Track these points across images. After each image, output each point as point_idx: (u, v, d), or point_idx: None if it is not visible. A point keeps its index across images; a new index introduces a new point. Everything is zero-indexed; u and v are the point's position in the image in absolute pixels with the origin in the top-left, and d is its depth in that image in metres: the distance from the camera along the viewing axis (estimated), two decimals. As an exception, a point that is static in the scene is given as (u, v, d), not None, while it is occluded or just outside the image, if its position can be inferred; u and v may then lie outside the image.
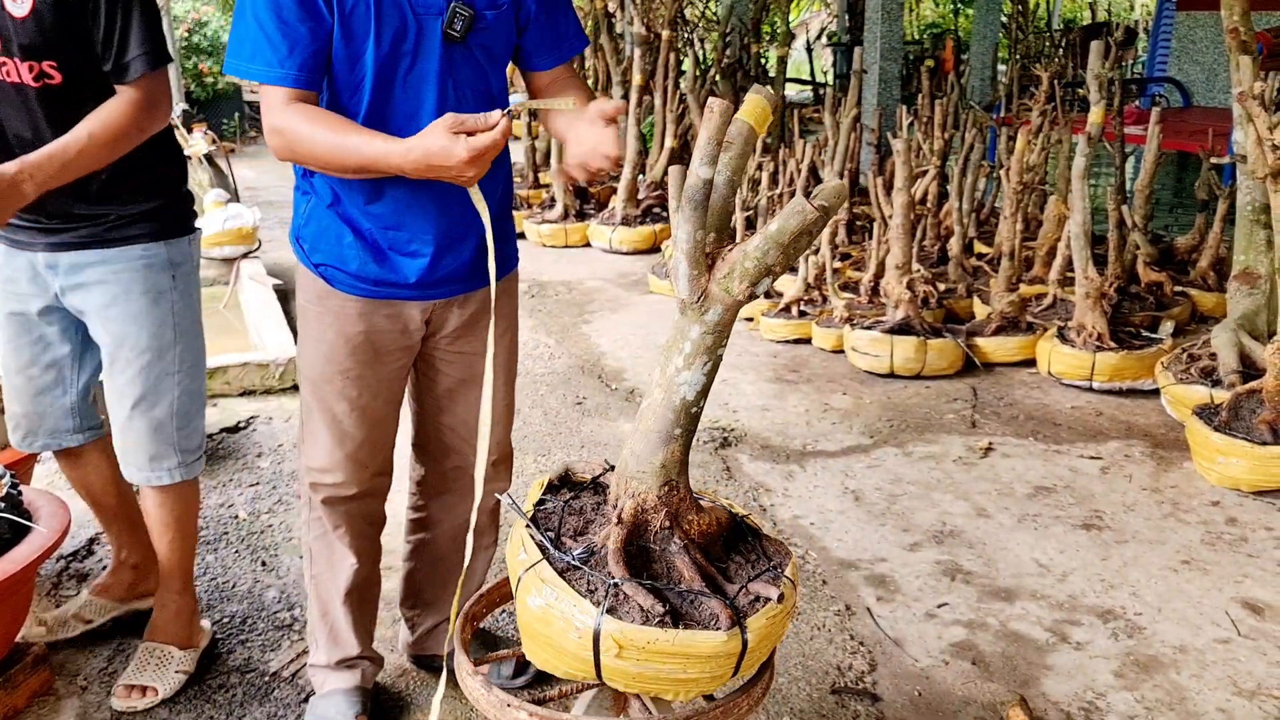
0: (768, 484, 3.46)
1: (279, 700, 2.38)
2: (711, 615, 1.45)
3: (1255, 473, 3.24)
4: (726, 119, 1.40)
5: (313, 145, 1.74)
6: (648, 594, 1.44)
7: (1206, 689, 2.40)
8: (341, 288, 1.97)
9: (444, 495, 2.29)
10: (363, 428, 2.06)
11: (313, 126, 1.73)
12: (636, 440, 1.56)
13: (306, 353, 2.06)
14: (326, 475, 2.10)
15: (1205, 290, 5.02)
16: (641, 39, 7.34)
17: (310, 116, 1.75)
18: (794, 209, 1.37)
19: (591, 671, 1.46)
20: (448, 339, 2.08)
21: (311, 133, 1.73)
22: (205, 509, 3.28)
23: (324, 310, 1.99)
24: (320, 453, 2.08)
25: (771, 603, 1.49)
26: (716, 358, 1.51)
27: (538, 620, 1.49)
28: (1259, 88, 3.22)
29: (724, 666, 1.45)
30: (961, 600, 2.77)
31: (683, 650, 1.41)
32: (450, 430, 2.19)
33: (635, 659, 1.42)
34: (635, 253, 6.70)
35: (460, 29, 1.81)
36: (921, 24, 16.53)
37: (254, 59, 1.74)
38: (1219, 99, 9.18)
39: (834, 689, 2.41)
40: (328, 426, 2.06)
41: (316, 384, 2.05)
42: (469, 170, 1.66)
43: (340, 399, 2.03)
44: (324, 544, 2.17)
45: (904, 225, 4.47)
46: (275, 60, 1.73)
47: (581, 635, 1.43)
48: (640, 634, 1.41)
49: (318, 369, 2.03)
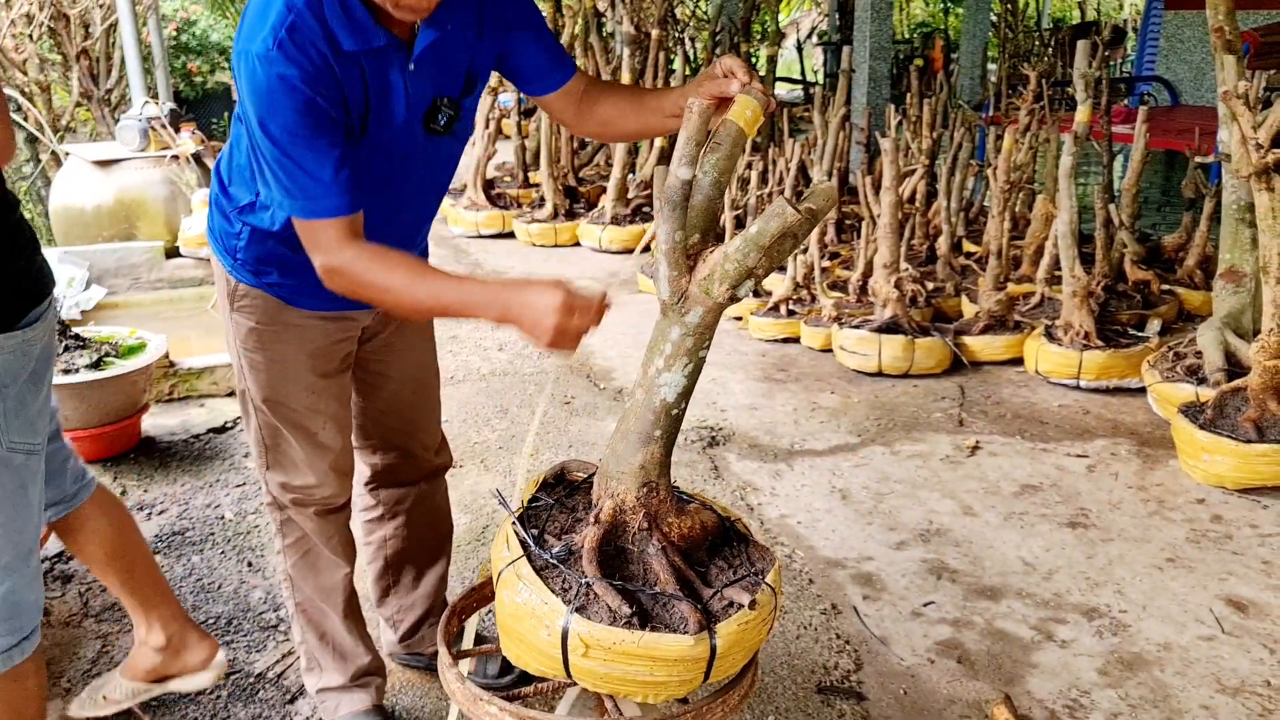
0: (755, 483, 3.47)
1: (264, 701, 2.38)
2: (681, 619, 1.44)
3: (1240, 470, 3.25)
4: (705, 119, 1.40)
5: (384, 292, 1.61)
6: (616, 595, 1.44)
7: (1190, 686, 2.40)
8: (301, 304, 1.90)
9: (397, 488, 2.29)
10: (340, 435, 2.05)
11: (387, 272, 1.59)
12: (617, 441, 1.56)
13: (264, 377, 1.95)
14: (316, 491, 2.06)
15: (1192, 288, 5.03)
16: (631, 38, 7.33)
17: (379, 261, 1.61)
18: (774, 211, 1.37)
19: (561, 669, 1.46)
20: (384, 340, 2.08)
21: (386, 279, 1.59)
22: (191, 509, 3.28)
23: (282, 328, 1.92)
24: (303, 471, 2.04)
25: (743, 609, 1.47)
26: (698, 359, 1.51)
27: (512, 616, 1.49)
28: (1243, 87, 3.23)
29: (692, 671, 1.44)
30: (947, 599, 2.77)
31: (648, 652, 1.41)
32: (398, 429, 2.21)
33: (601, 659, 1.42)
34: (625, 252, 6.69)
35: (444, 124, 1.78)
36: (911, 23, 16.55)
37: (299, 198, 1.58)
38: (1206, 98, 9.20)
39: (820, 688, 2.42)
40: (304, 444, 2.01)
41: (281, 406, 1.97)
42: (554, 344, 1.52)
43: (313, 415, 1.99)
44: (310, 561, 2.14)
45: (891, 225, 4.48)
46: (319, 192, 1.58)
47: (551, 633, 1.44)
48: (607, 634, 1.41)
49: (280, 390, 1.96)
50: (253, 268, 1.88)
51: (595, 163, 8.41)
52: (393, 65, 1.67)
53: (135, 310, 5.19)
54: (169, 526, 3.17)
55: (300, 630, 2.23)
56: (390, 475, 2.27)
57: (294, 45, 1.53)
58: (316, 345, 1.94)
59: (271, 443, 2.03)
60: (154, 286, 5.53)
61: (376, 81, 1.65)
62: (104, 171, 6.05)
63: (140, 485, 3.46)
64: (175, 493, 3.40)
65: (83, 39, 7.89)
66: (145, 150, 6.08)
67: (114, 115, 7.74)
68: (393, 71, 1.67)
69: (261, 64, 1.52)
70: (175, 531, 3.14)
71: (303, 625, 2.21)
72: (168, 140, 6.01)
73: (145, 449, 3.72)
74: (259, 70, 1.53)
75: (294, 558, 2.14)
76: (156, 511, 3.27)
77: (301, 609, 2.19)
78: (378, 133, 1.70)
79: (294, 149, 1.56)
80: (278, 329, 1.92)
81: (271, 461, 2.06)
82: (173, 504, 3.32)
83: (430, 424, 2.26)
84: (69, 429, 3.49)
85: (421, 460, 2.27)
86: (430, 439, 2.27)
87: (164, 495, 3.38)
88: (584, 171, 8.22)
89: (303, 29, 1.54)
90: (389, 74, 1.67)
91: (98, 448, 3.59)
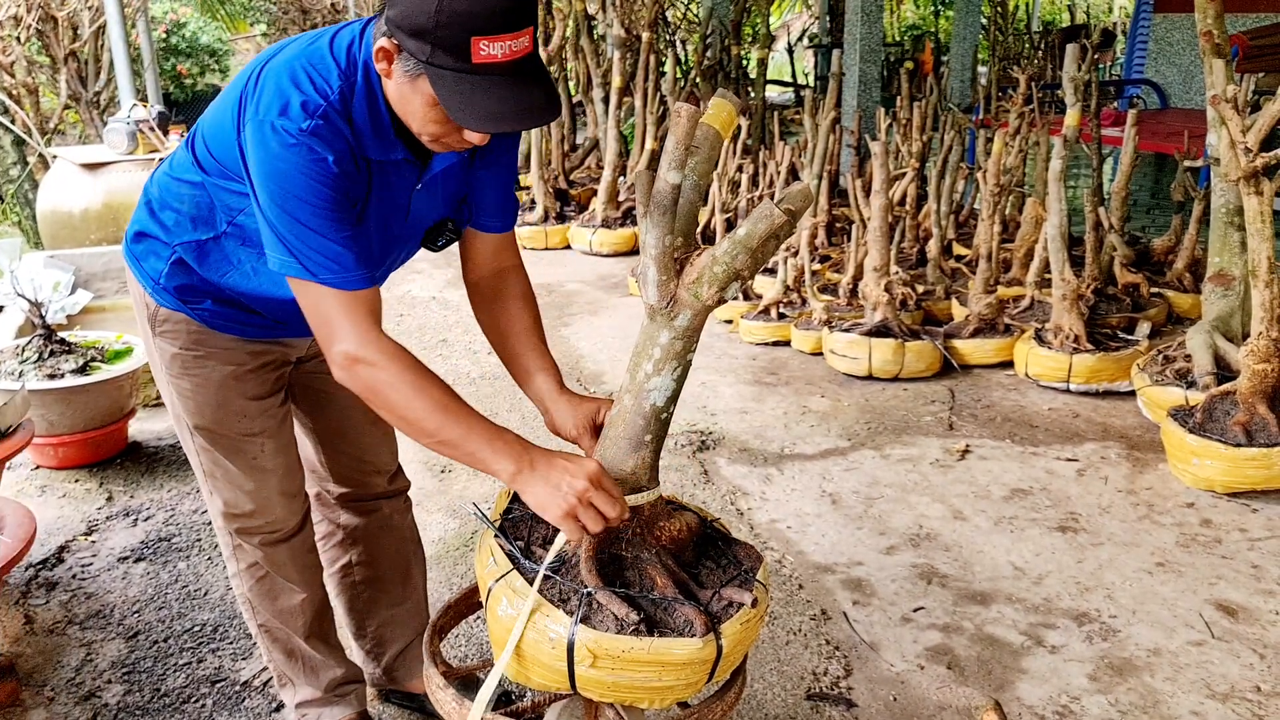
0: (745, 487, 3.46)
1: (250, 710, 2.36)
2: (686, 622, 1.44)
3: (1229, 474, 3.25)
4: (694, 123, 1.39)
5: (404, 413, 1.51)
6: (622, 602, 1.43)
7: (1180, 692, 2.40)
8: (227, 329, 1.84)
9: (355, 515, 2.20)
10: (281, 455, 1.97)
11: (414, 394, 1.50)
12: (607, 447, 1.55)
13: (192, 403, 1.88)
14: (257, 518, 1.98)
15: (1181, 291, 5.04)
16: (621, 41, 7.33)
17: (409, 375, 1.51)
18: (761, 213, 1.36)
19: (565, 682, 1.44)
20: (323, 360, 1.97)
21: (409, 401, 1.50)
22: (178, 515, 3.26)
23: (206, 354, 1.85)
24: (242, 498, 1.96)
25: (745, 608, 1.48)
26: (686, 363, 1.50)
27: (509, 631, 1.47)
28: (1232, 91, 3.24)
29: (699, 673, 1.44)
30: (937, 604, 2.77)
31: (658, 658, 1.40)
32: (347, 452, 2.12)
33: (610, 668, 1.41)
34: (615, 255, 6.68)
35: (442, 244, 1.79)
36: (902, 25, 16.58)
37: (321, 269, 1.51)
38: (1196, 101, 9.23)
39: (809, 694, 2.41)
40: (243, 469, 1.93)
41: (213, 433, 1.90)
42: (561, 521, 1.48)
43: (248, 438, 1.91)
44: (265, 588, 2.05)
45: (881, 228, 4.48)
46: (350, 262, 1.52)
47: (555, 646, 1.42)
48: (616, 643, 1.40)
49: (209, 416, 1.89)
50: (176, 294, 1.82)
51: (586, 165, 8.40)
52: (401, 179, 1.64)
53: (124, 314, 5.13)
54: (155, 532, 3.15)
55: (267, 650, 2.15)
56: (344, 500, 2.18)
57: (328, 132, 1.49)
58: (245, 368, 1.87)
59: (210, 469, 1.95)
60: (142, 290, 5.49)
61: (380, 189, 1.63)
62: (92, 174, 6.01)
63: (127, 491, 3.44)
64: (162, 498, 3.38)
65: (71, 41, 7.84)
66: (133, 153, 6.04)
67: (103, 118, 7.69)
68: (399, 185, 1.65)
69: (288, 141, 1.47)
70: (162, 538, 3.12)
71: (268, 644, 2.14)
72: (156, 143, 5.98)
73: (132, 454, 3.70)
74: (287, 149, 1.47)
75: (249, 583, 2.06)
76: (143, 517, 3.25)
77: (264, 629, 2.11)
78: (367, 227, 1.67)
79: (319, 223, 1.50)
80: (202, 354, 1.85)
81: (212, 489, 1.97)
82: (159, 510, 3.30)
83: (382, 448, 2.15)
84: (56, 434, 3.47)
85: (375, 488, 2.17)
86: (383, 463, 2.17)
87: (150, 501, 3.36)
88: (575, 174, 8.21)
89: (334, 119, 1.50)
90: (394, 185, 1.65)
91: (84, 453, 3.57)
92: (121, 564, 2.98)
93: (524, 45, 1.42)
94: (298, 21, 14.33)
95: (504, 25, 1.39)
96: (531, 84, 1.45)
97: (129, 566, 2.97)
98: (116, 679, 2.47)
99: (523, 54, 1.43)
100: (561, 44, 7.75)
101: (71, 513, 3.30)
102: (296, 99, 1.49)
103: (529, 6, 1.42)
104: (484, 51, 1.39)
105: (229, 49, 13.76)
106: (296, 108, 1.48)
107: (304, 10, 14.24)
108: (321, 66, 1.53)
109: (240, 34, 15.71)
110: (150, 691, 2.42)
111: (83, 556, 3.02)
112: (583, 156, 8.34)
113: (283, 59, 1.56)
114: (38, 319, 3.51)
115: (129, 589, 2.85)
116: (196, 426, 1.91)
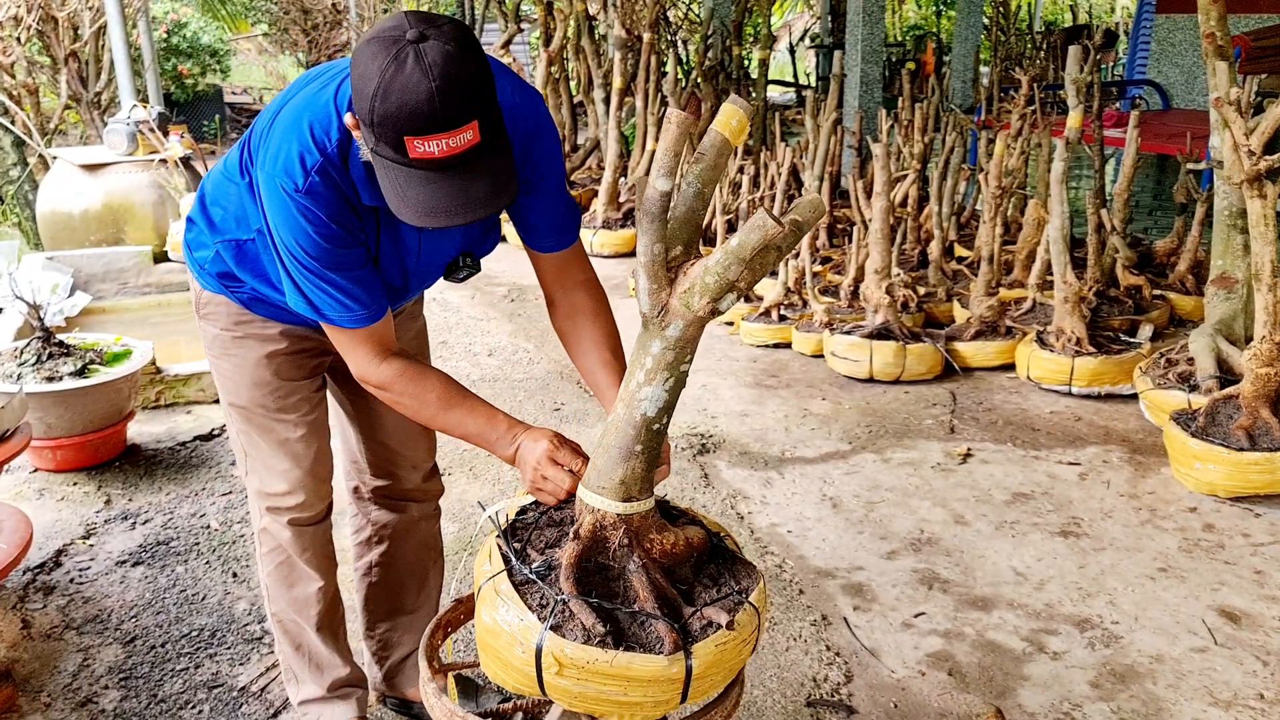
0: (746, 491, 3.44)
1: (247, 716, 2.35)
2: (657, 638, 1.42)
3: (1232, 479, 3.23)
4: (684, 131, 1.37)
5: (416, 411, 1.74)
6: (591, 612, 1.41)
7: (1183, 699, 2.39)
8: (263, 311, 1.92)
9: (386, 511, 2.25)
10: (312, 441, 2.03)
11: (421, 396, 1.71)
12: (598, 456, 1.54)
13: (230, 382, 1.99)
14: (288, 499, 2.05)
15: (1184, 294, 5.02)
16: (623, 42, 7.31)
17: (415, 383, 1.71)
18: (755, 223, 1.33)
19: (535, 687, 1.43)
20: None
21: (418, 402, 1.72)
22: (177, 518, 3.25)
23: (244, 335, 1.94)
24: (277, 478, 2.03)
25: (721, 629, 1.44)
26: (679, 373, 1.48)
27: (489, 632, 1.47)
28: (1235, 93, 3.22)
29: (668, 692, 1.41)
30: (939, 609, 2.75)
31: (622, 673, 1.38)
32: (385, 445, 2.17)
33: (574, 678, 1.40)
34: (616, 256, 6.66)
35: (463, 277, 1.85)
36: (904, 26, 16.55)
37: (327, 308, 1.65)
38: (1198, 101, 9.21)
39: (809, 701, 2.39)
40: (277, 450, 2.01)
41: (250, 411, 1.99)
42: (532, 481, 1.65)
43: (281, 418, 1.99)
44: (283, 573, 2.12)
45: (883, 230, 4.46)
46: (352, 303, 1.65)
47: (526, 650, 1.41)
48: (580, 653, 1.38)
49: (246, 396, 1.98)
50: (218, 279, 1.92)
51: (587, 166, 8.39)
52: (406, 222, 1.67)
53: (123, 315, 5.15)
54: (153, 536, 3.14)
55: (277, 642, 2.22)
56: (378, 495, 2.24)
57: (323, 187, 1.56)
58: (281, 350, 1.95)
59: (247, 448, 2.04)
60: (142, 291, 5.49)
61: (388, 231, 1.69)
62: (92, 175, 6.01)
63: (125, 494, 3.42)
64: (160, 501, 3.37)
65: (71, 41, 7.84)
66: (133, 154, 6.04)
67: (103, 118, 7.69)
68: (406, 227, 1.67)
69: (289, 197, 1.55)
70: (160, 541, 3.11)
71: (279, 636, 2.20)
72: (156, 144, 5.97)
73: (130, 457, 3.69)
74: (288, 203, 1.56)
75: (269, 567, 2.13)
76: (141, 521, 3.24)
77: (277, 619, 2.18)
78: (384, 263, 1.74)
79: (322, 270, 1.60)
80: (241, 335, 1.95)
81: (249, 467, 2.06)
82: (158, 513, 3.29)
83: (419, 445, 2.21)
84: (54, 437, 3.46)
85: (408, 482, 2.22)
86: (420, 459, 2.22)
87: (149, 504, 3.35)
88: (575, 175, 8.20)
89: (331, 173, 1.56)
90: (401, 227, 1.69)
91: (82, 456, 3.56)
92: (119, 568, 2.97)
93: (465, 140, 1.38)
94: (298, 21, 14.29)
95: (434, 126, 1.35)
96: (474, 177, 1.42)
97: (127, 570, 2.96)
98: (113, 684, 2.46)
99: (464, 148, 1.38)
100: (562, 44, 7.74)
101: (69, 516, 3.28)
102: (296, 154, 1.55)
103: (468, 103, 1.36)
104: (419, 149, 1.37)
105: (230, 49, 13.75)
106: (296, 164, 1.55)
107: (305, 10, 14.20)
108: (323, 117, 1.57)
109: (241, 34, 15.71)
110: (147, 697, 2.41)
111: (80, 560, 3.01)
112: (583, 157, 8.32)
113: (292, 107, 1.61)
114: (36, 321, 3.51)
115: (127, 593, 2.84)
116: (232, 404, 2.01)
